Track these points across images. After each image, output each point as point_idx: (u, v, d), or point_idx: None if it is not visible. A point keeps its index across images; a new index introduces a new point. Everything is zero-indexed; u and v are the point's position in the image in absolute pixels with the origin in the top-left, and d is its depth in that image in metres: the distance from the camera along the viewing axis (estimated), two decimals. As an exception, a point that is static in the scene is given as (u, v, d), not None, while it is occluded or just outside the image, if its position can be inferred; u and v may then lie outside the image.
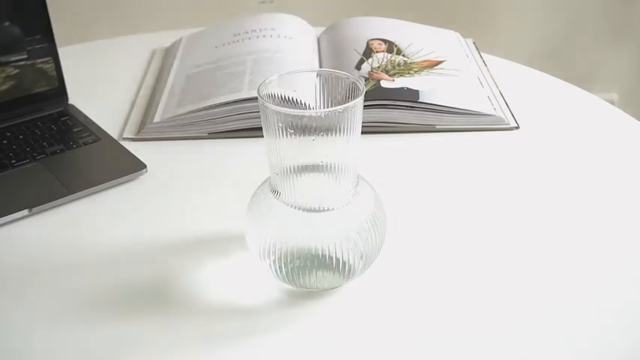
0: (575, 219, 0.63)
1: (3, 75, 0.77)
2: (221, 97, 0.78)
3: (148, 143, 0.76)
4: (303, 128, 0.48)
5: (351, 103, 0.48)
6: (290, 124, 0.48)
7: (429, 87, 0.79)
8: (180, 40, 0.97)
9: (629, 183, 0.68)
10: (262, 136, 0.51)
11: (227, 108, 0.77)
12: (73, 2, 1.53)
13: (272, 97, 0.52)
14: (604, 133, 0.78)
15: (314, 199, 0.52)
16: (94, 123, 0.78)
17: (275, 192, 0.52)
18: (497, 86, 0.84)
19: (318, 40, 0.95)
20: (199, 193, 0.68)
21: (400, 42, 0.88)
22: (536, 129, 0.78)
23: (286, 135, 0.49)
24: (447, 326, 0.52)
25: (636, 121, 0.80)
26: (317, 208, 0.51)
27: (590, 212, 0.64)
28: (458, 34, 0.96)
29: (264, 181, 0.55)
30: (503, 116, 0.78)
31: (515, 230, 0.62)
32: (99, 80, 0.90)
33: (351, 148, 0.50)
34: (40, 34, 0.79)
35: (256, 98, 0.50)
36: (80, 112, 0.80)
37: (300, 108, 0.53)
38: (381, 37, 0.89)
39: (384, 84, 0.79)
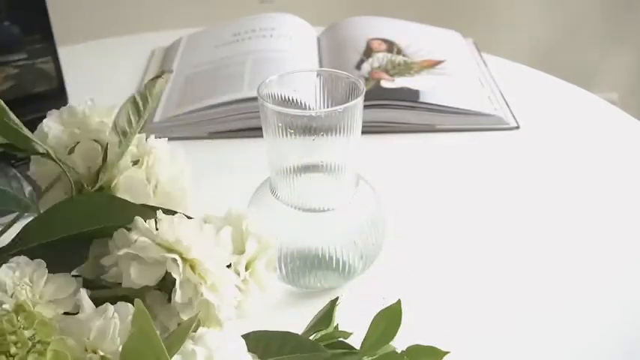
0: (576, 219, 0.63)
1: (2, 75, 0.77)
2: (221, 97, 0.78)
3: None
4: (303, 128, 0.48)
5: (351, 103, 0.48)
6: (290, 124, 0.48)
7: (429, 87, 0.79)
8: (180, 40, 0.97)
9: (630, 183, 0.68)
10: (262, 136, 0.51)
11: (227, 108, 0.77)
12: (73, 2, 1.53)
13: (272, 97, 0.52)
14: (605, 133, 0.78)
15: (314, 199, 0.51)
16: (93, 123, 0.78)
17: (275, 192, 0.52)
18: (497, 86, 0.84)
19: (318, 40, 0.94)
20: (199, 193, 0.68)
21: (400, 42, 0.88)
22: (537, 129, 0.78)
23: (286, 135, 0.49)
24: (447, 326, 0.52)
25: (637, 120, 0.80)
26: (317, 209, 0.51)
27: (591, 212, 0.64)
28: (458, 33, 0.96)
29: (264, 181, 0.55)
30: (503, 116, 0.78)
31: (515, 230, 0.62)
32: (99, 80, 0.90)
33: (351, 148, 0.50)
34: (39, 33, 0.78)
35: (256, 98, 0.50)
36: (80, 112, 0.80)
37: (300, 108, 0.53)
38: (381, 37, 0.89)
39: (384, 84, 0.79)
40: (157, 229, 0.41)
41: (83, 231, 0.43)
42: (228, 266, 0.43)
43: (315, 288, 0.54)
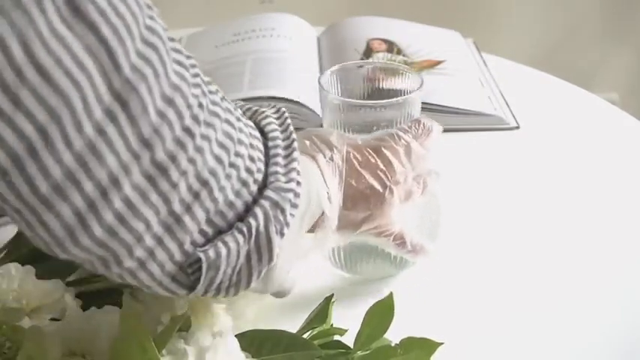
0: (576, 219, 0.63)
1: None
2: (221, 97, 0.77)
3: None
4: (363, 118, 0.50)
5: (412, 95, 0.50)
6: (350, 113, 0.50)
7: (429, 87, 0.79)
8: (180, 40, 0.97)
9: (630, 183, 0.68)
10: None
11: (227, 108, 0.76)
12: (73, 2, 1.53)
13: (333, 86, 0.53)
14: (605, 133, 0.78)
15: None
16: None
17: None
18: (497, 86, 0.84)
19: (318, 40, 0.94)
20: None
21: (400, 42, 0.88)
22: (537, 129, 0.78)
23: (345, 125, 0.50)
24: (447, 325, 0.51)
25: (637, 120, 0.80)
26: None
27: (591, 212, 0.64)
28: (458, 33, 0.96)
29: None
30: (503, 116, 0.78)
31: (515, 230, 0.62)
32: (99, 80, 0.90)
33: None
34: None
35: (256, 98, 0.50)
36: (80, 112, 0.80)
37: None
38: (381, 37, 0.89)
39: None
40: None
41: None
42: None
43: (369, 276, 0.55)
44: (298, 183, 0.37)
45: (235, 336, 0.40)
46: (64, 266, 0.45)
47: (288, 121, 0.40)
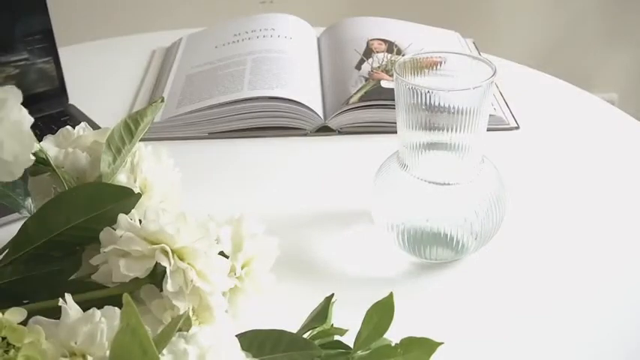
0: (576, 219, 0.63)
1: (3, 75, 0.77)
2: (221, 97, 0.78)
3: (148, 143, 0.76)
4: (436, 105, 0.51)
5: (484, 83, 0.50)
6: (422, 100, 0.51)
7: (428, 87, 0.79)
8: (180, 40, 0.97)
9: (629, 183, 0.68)
10: (261, 137, 0.51)
11: (227, 108, 0.77)
12: (73, 2, 1.53)
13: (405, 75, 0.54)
14: (604, 134, 0.78)
15: (438, 173, 0.54)
16: (94, 123, 0.78)
17: (403, 164, 0.54)
18: (497, 86, 0.84)
19: (318, 40, 0.95)
20: (199, 192, 0.68)
21: (400, 42, 0.88)
22: (537, 129, 0.78)
23: (417, 110, 0.51)
24: (447, 324, 0.52)
25: (636, 121, 0.80)
26: (441, 182, 0.53)
27: (590, 212, 0.64)
28: (458, 34, 0.96)
29: (392, 154, 0.57)
30: (503, 116, 0.78)
31: (515, 230, 0.62)
32: (99, 80, 0.90)
33: (480, 126, 0.52)
34: (40, 34, 0.79)
35: (256, 98, 0.50)
36: (80, 113, 0.80)
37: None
38: (381, 37, 0.89)
39: (384, 84, 0.79)
40: (140, 222, 0.42)
41: (80, 222, 0.44)
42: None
43: (433, 260, 0.56)
44: None
45: (236, 336, 0.40)
46: (65, 267, 0.45)
47: None
